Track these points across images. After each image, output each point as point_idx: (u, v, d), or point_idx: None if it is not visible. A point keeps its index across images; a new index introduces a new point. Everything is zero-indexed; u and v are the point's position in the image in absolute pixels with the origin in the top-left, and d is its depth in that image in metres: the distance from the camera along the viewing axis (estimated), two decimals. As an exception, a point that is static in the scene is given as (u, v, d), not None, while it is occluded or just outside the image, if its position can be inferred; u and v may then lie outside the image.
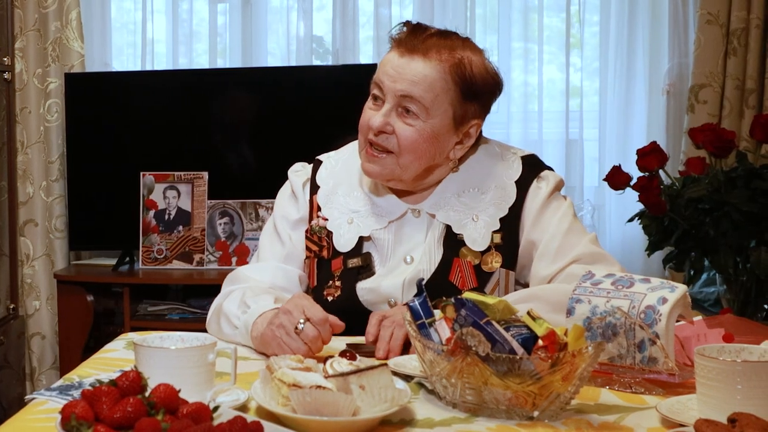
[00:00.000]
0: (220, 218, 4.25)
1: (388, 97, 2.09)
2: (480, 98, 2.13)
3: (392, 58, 2.11)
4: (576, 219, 2.17)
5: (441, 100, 2.07)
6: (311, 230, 2.21)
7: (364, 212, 2.19)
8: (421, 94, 2.06)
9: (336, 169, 2.27)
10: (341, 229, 2.18)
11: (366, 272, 2.14)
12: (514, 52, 4.47)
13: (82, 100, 4.33)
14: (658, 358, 1.59)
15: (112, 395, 1.26)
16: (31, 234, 4.47)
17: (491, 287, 2.10)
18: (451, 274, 2.10)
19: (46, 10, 4.38)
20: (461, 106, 2.10)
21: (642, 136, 4.33)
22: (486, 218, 2.12)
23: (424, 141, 2.08)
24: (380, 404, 1.40)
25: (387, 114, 2.09)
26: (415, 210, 2.17)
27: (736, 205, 3.36)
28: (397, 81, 2.07)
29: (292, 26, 4.55)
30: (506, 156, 2.21)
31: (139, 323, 4.09)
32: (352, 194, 2.22)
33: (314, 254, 2.20)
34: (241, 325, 1.98)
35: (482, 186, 2.16)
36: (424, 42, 2.09)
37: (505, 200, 2.15)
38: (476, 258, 2.11)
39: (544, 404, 1.44)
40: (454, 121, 2.10)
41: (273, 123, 4.26)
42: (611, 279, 1.70)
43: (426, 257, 2.12)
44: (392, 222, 2.17)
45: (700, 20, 4.16)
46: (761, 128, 3.51)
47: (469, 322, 1.48)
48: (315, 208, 2.23)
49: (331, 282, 2.16)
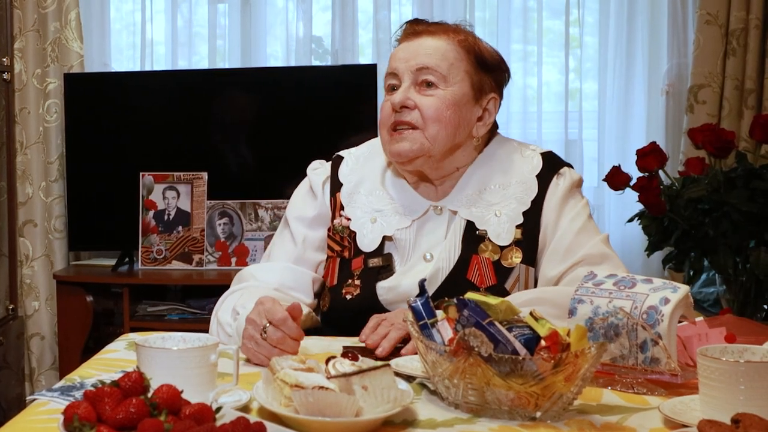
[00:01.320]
0: (219, 219, 4.25)
1: (405, 76, 2.13)
2: (493, 72, 2.19)
3: (400, 47, 2.18)
4: (590, 219, 2.18)
5: (456, 68, 2.12)
6: (334, 229, 2.21)
7: (387, 211, 2.19)
8: (437, 63, 2.11)
9: (358, 166, 2.27)
10: (365, 228, 2.18)
11: (386, 272, 2.14)
12: (514, 54, 4.47)
13: (82, 101, 4.33)
14: (660, 358, 1.59)
15: (115, 396, 1.26)
16: (31, 234, 4.47)
17: (511, 283, 2.10)
18: (469, 272, 2.10)
19: (45, 11, 4.38)
20: (477, 75, 2.15)
21: (641, 136, 4.33)
22: (509, 212, 2.13)
23: (447, 108, 2.10)
24: (383, 405, 1.40)
25: (406, 90, 2.12)
26: (437, 207, 2.18)
27: (735, 205, 3.36)
28: (410, 59, 2.13)
29: (292, 27, 4.55)
30: (525, 152, 2.23)
31: (139, 324, 4.09)
32: (374, 193, 2.22)
33: (336, 254, 2.20)
34: (233, 332, 1.99)
35: (503, 181, 2.17)
36: (429, 26, 2.18)
37: (528, 194, 2.15)
38: (496, 254, 2.11)
39: (546, 405, 1.44)
40: (473, 89, 2.14)
41: (272, 123, 4.26)
42: (613, 279, 1.70)
43: (445, 254, 2.12)
44: (415, 221, 2.17)
45: (700, 20, 4.17)
46: (760, 128, 3.51)
47: (471, 323, 1.48)
48: (338, 207, 2.23)
49: (350, 281, 2.15)
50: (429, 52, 2.11)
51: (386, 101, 2.17)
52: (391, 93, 2.16)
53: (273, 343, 1.78)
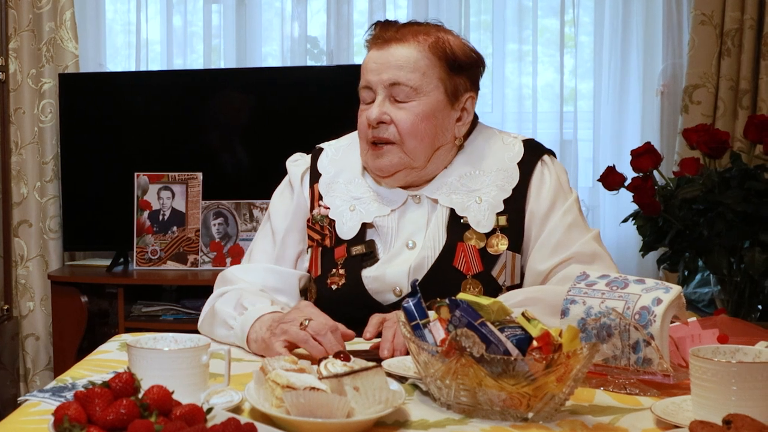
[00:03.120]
0: (214, 219, 4.25)
1: (378, 89, 2.11)
2: (466, 71, 2.15)
3: (371, 55, 2.14)
4: (581, 214, 2.18)
5: (429, 77, 2.09)
6: (313, 219, 2.21)
7: (366, 199, 2.18)
8: (408, 76, 2.08)
9: (337, 157, 2.27)
10: (343, 216, 2.17)
11: (370, 259, 2.14)
12: (509, 54, 4.48)
13: (77, 101, 4.32)
14: (652, 359, 1.60)
15: (105, 397, 1.25)
16: (25, 235, 4.47)
17: (498, 270, 2.09)
18: (455, 259, 2.09)
19: (40, 11, 4.37)
20: (451, 80, 2.12)
21: (636, 136, 4.34)
22: (489, 200, 2.12)
23: (422, 121, 2.09)
24: (374, 405, 1.40)
25: (381, 105, 2.11)
26: (416, 196, 2.17)
27: (730, 205, 3.36)
28: (381, 72, 2.10)
29: (287, 27, 4.55)
30: (506, 140, 2.22)
31: (134, 324, 4.09)
32: (353, 181, 2.21)
33: (317, 243, 2.19)
34: (237, 326, 1.98)
35: (483, 168, 2.16)
36: (398, 31, 2.12)
37: (509, 182, 2.14)
38: (481, 241, 2.10)
39: (538, 405, 1.44)
40: (448, 95, 2.12)
41: (267, 123, 4.26)
42: (606, 280, 1.70)
43: (430, 242, 2.11)
44: (395, 210, 2.16)
45: (694, 21, 4.17)
46: (755, 129, 3.51)
47: (463, 323, 1.48)
48: (316, 197, 2.22)
49: (334, 270, 2.15)
50: (400, 64, 2.08)
51: (362, 112, 2.16)
52: (367, 104, 2.15)
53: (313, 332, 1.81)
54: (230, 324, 2.01)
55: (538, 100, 4.46)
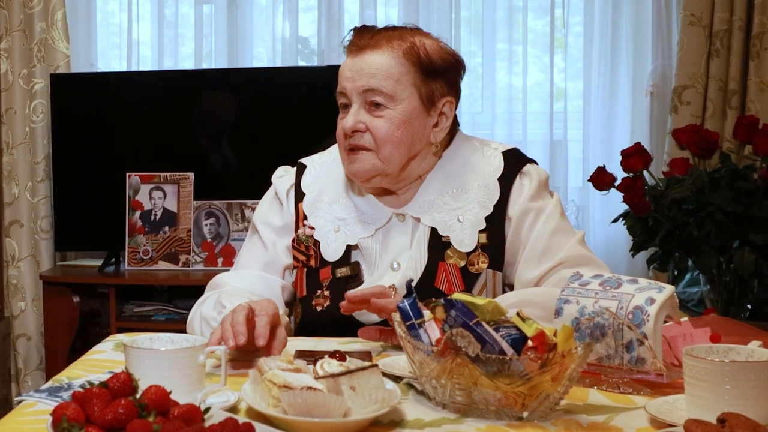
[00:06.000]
0: (206, 219, 4.25)
1: (353, 97, 2.11)
2: (443, 75, 2.14)
3: (346, 63, 2.15)
4: (563, 217, 2.17)
5: (403, 84, 2.09)
6: (298, 239, 2.20)
7: (350, 219, 2.18)
8: (382, 84, 2.08)
9: (320, 175, 2.26)
10: (328, 238, 2.17)
11: (354, 281, 2.13)
12: (499, 54, 4.49)
13: (68, 101, 4.32)
14: (646, 358, 1.60)
15: (103, 397, 1.26)
16: (17, 235, 4.46)
17: (479, 289, 2.09)
18: (437, 280, 2.09)
19: (31, 11, 4.37)
20: (425, 86, 2.11)
21: (626, 137, 4.35)
22: (471, 218, 2.11)
23: (397, 128, 2.09)
24: (370, 405, 1.40)
25: (356, 113, 2.11)
26: (400, 215, 2.17)
27: (719, 205, 3.38)
28: (355, 79, 2.10)
29: (278, 27, 4.55)
30: (486, 152, 2.20)
31: (125, 324, 4.09)
32: (337, 201, 2.21)
33: (302, 264, 2.19)
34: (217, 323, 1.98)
35: (464, 185, 2.15)
36: (372, 38, 2.12)
37: (490, 198, 2.13)
38: (462, 259, 2.10)
39: (533, 405, 1.44)
40: (423, 101, 2.11)
41: (259, 124, 4.26)
42: (599, 280, 1.71)
43: (412, 263, 2.12)
44: (379, 229, 2.16)
45: (683, 22, 4.19)
46: (744, 129, 3.53)
47: (458, 323, 1.49)
48: (301, 216, 2.22)
49: (319, 292, 2.15)
50: (373, 72, 2.08)
51: (340, 121, 2.16)
52: (344, 111, 2.15)
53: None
54: (212, 325, 2.00)
55: (528, 100, 4.46)
